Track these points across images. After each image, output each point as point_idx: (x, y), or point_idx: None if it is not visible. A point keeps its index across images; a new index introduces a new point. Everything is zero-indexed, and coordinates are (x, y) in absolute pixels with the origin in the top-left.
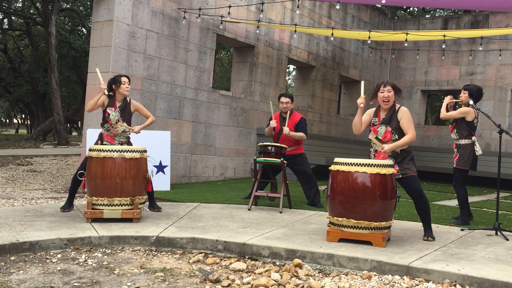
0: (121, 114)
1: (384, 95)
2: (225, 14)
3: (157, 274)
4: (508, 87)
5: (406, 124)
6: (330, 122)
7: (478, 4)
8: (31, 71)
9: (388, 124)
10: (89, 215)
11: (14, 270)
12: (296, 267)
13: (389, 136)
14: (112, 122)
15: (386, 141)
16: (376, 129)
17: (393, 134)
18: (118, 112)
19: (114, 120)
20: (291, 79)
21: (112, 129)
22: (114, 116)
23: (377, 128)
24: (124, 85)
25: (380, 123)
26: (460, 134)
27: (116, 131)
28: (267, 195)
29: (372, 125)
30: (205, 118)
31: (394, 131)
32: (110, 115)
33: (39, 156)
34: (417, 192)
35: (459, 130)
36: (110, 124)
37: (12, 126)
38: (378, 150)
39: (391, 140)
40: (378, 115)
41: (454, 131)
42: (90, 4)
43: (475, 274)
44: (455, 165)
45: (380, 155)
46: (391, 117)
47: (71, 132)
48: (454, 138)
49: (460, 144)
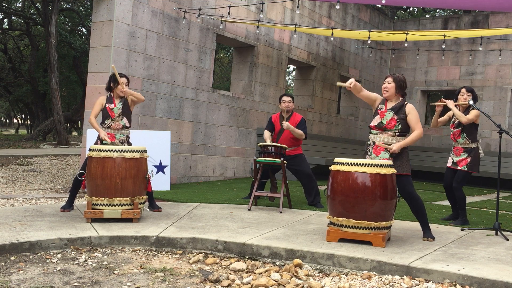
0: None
1: (384, 86)
2: (225, 14)
3: (157, 274)
4: (508, 87)
5: (414, 120)
6: (330, 122)
7: (478, 4)
8: (31, 71)
9: (396, 113)
10: (89, 215)
11: (14, 270)
12: (296, 267)
13: (393, 124)
14: (115, 115)
15: (389, 127)
16: (384, 113)
17: (397, 123)
18: (121, 105)
19: (117, 113)
20: (291, 79)
21: (113, 124)
22: (118, 109)
23: (384, 112)
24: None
25: (389, 109)
26: (472, 138)
27: (117, 125)
28: (267, 195)
29: (379, 109)
30: (205, 118)
31: (399, 120)
32: (113, 108)
33: (39, 156)
34: (409, 194)
35: (470, 134)
36: (112, 118)
37: (12, 126)
38: (376, 143)
39: (393, 129)
40: (385, 104)
41: (464, 136)
42: (90, 4)
43: (475, 274)
44: (466, 169)
45: (377, 147)
46: (400, 108)
47: (71, 132)
48: (464, 143)
49: (471, 148)
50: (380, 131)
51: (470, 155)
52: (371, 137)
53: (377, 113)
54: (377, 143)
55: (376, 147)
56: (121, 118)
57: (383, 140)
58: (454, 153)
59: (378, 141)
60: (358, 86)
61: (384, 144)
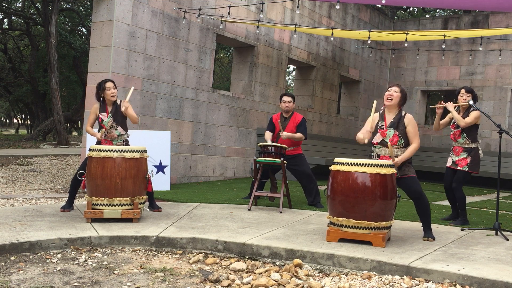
0: (113, 119)
1: (389, 93)
2: (225, 14)
3: (157, 274)
4: (508, 87)
5: (412, 132)
6: (330, 122)
7: (478, 4)
8: (31, 71)
9: (396, 128)
10: (89, 215)
11: (14, 270)
12: (296, 267)
13: (396, 140)
14: (106, 127)
15: (392, 144)
16: (385, 132)
17: (399, 138)
18: (111, 117)
19: (108, 126)
20: (291, 79)
21: (108, 134)
22: (107, 122)
23: (385, 131)
24: (109, 91)
25: (389, 126)
26: (472, 138)
27: (112, 135)
28: (267, 195)
29: (380, 128)
30: (205, 118)
31: (401, 135)
32: (103, 121)
33: (39, 156)
34: (416, 193)
35: (471, 134)
36: (105, 130)
37: (12, 126)
38: (381, 155)
39: (397, 145)
40: (384, 118)
41: (464, 136)
42: (90, 4)
43: (475, 274)
44: (467, 169)
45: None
46: (399, 121)
47: (71, 132)
48: (464, 143)
49: (471, 148)
50: (384, 146)
51: (470, 155)
52: (376, 150)
53: (377, 132)
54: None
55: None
56: (115, 128)
57: (388, 153)
58: (454, 152)
59: (383, 153)
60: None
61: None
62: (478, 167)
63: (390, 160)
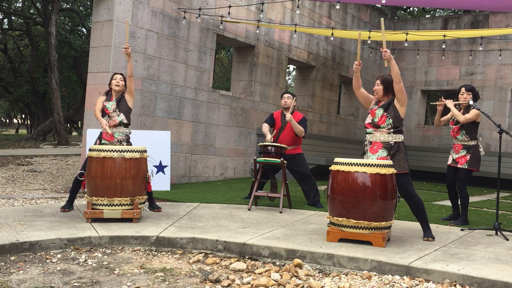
0: (117, 105)
1: (374, 88)
2: (225, 14)
3: (157, 274)
4: (508, 87)
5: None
6: (330, 122)
7: (478, 4)
8: (31, 71)
9: (386, 110)
10: (89, 215)
11: (14, 270)
12: (296, 267)
13: (384, 120)
14: (109, 112)
15: (380, 124)
16: (374, 111)
17: (387, 118)
18: (115, 102)
19: (111, 109)
20: (291, 79)
21: (110, 121)
22: (111, 105)
23: (374, 110)
24: (114, 80)
25: (379, 106)
26: (471, 136)
27: (114, 121)
28: (267, 195)
29: (371, 109)
30: (205, 118)
31: (389, 115)
32: (107, 105)
33: (39, 156)
34: (408, 194)
35: (470, 132)
36: (108, 114)
37: (12, 126)
38: (373, 141)
39: (385, 124)
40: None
41: (463, 133)
42: (90, 4)
43: (475, 274)
44: (466, 167)
45: (374, 146)
46: (389, 104)
47: (71, 132)
48: (463, 140)
49: (470, 145)
50: (374, 129)
51: (469, 152)
52: (368, 137)
53: (369, 113)
54: (373, 141)
55: (372, 146)
56: (118, 114)
57: (379, 138)
58: (454, 150)
59: (374, 139)
60: (359, 82)
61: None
62: (478, 165)
63: (388, 159)
